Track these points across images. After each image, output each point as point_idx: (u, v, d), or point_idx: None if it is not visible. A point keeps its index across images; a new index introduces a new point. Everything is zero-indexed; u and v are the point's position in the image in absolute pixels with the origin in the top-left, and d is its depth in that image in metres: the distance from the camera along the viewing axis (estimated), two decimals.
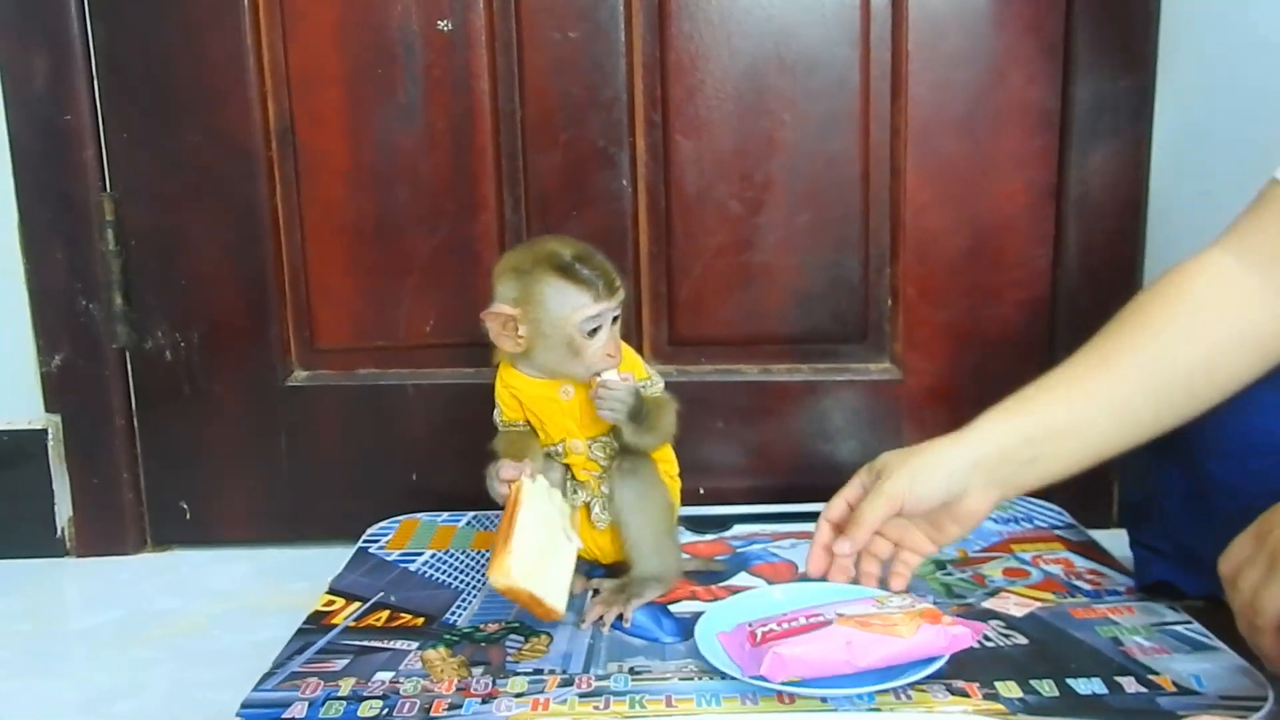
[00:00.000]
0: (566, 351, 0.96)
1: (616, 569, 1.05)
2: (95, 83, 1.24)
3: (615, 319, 0.97)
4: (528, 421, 1.02)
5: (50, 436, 1.30)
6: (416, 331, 1.29)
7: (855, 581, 0.95)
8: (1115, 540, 1.13)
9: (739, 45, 1.22)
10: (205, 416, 1.31)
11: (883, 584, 0.95)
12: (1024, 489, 0.92)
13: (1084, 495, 1.25)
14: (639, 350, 1.28)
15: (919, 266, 1.26)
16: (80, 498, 1.31)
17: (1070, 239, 1.24)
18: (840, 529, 0.93)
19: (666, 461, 1.05)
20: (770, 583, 1.05)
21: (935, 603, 0.92)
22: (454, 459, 1.29)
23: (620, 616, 0.98)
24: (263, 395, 1.30)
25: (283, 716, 0.82)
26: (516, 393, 1.00)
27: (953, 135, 1.23)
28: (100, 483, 1.31)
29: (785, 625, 0.84)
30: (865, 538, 0.91)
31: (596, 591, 1.02)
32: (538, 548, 0.90)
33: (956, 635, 0.83)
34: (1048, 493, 1.24)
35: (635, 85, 1.24)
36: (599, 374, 0.95)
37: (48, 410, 1.30)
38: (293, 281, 1.29)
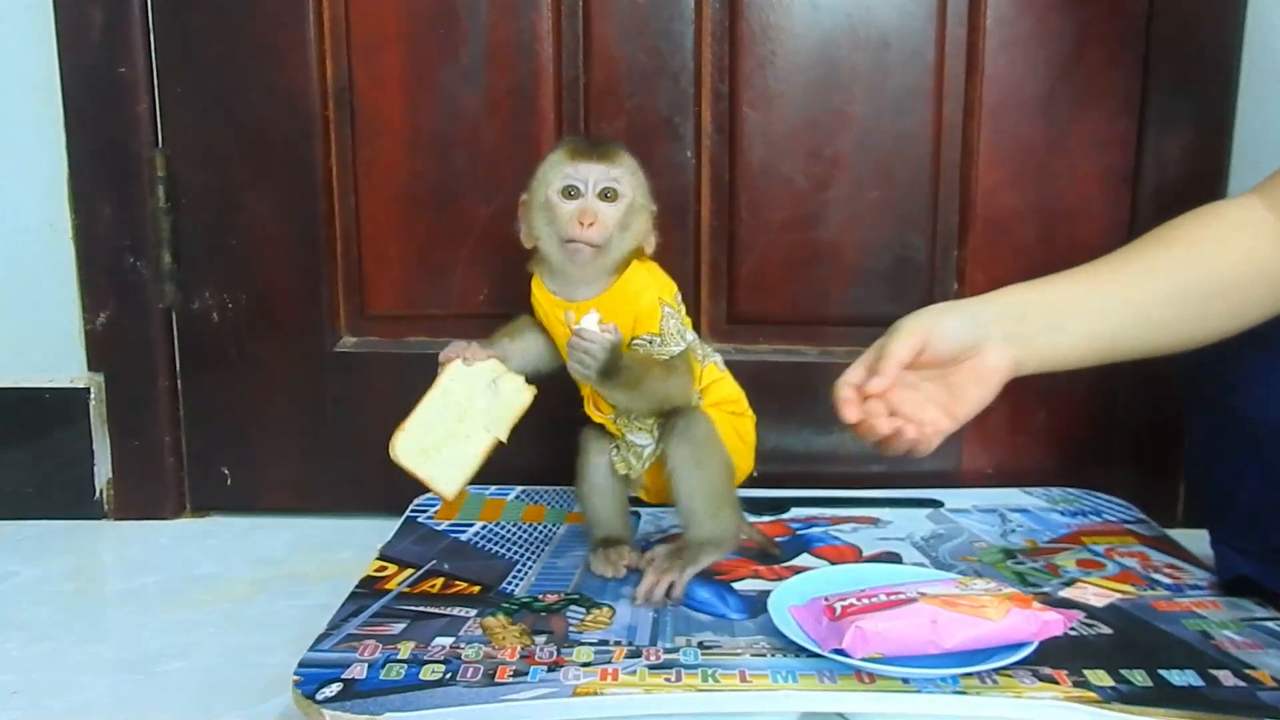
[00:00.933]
0: (545, 220, 0.94)
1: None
2: (151, 36, 1.21)
3: (609, 194, 0.93)
4: None
5: (92, 396, 1.27)
6: (469, 300, 1.26)
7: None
8: (1183, 539, 1.10)
9: (812, 17, 1.19)
10: (250, 380, 1.28)
11: None
12: (1039, 359, 0.89)
13: (1150, 494, 1.22)
14: (696, 329, 1.25)
15: (987, 250, 1.23)
16: (120, 459, 1.29)
17: (1144, 226, 1.17)
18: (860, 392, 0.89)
19: (730, 401, 1.02)
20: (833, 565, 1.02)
21: None
22: None
23: (672, 586, 0.94)
24: (310, 360, 1.27)
25: (342, 677, 0.80)
26: (537, 305, 0.99)
27: (1028, 115, 1.20)
28: (141, 445, 1.28)
29: (866, 601, 0.81)
30: (894, 371, 0.86)
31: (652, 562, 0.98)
32: (438, 432, 0.92)
33: (1048, 621, 0.80)
34: (1114, 487, 1.22)
35: (704, 55, 1.21)
36: (578, 325, 0.91)
37: (90, 369, 1.27)
38: (345, 246, 1.26)
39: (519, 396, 0.96)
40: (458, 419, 0.94)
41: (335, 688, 0.78)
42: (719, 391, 1.02)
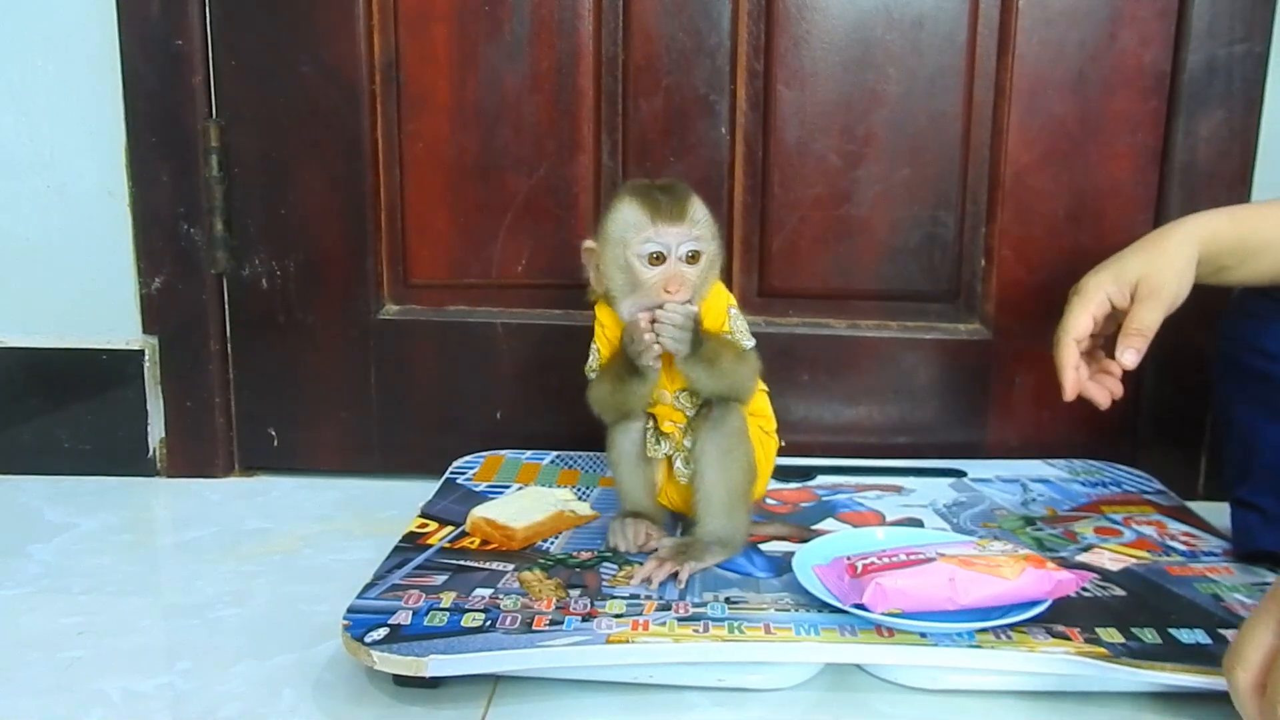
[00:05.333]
0: (627, 281, 0.94)
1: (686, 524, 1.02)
2: (207, 10, 1.25)
3: (692, 256, 0.93)
4: None
5: (147, 358, 1.32)
6: (509, 271, 1.30)
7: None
8: (1204, 511, 1.12)
9: None
10: (297, 345, 1.33)
11: None
12: (1207, 282, 0.99)
13: (1172, 468, 1.25)
14: None
15: (1016, 227, 1.25)
16: (173, 419, 1.34)
17: (1173, 206, 1.22)
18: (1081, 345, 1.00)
19: (762, 417, 1.03)
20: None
21: None
22: (540, 399, 1.30)
23: (675, 576, 0.93)
24: (354, 327, 1.32)
25: (389, 622, 0.84)
26: (609, 332, 0.99)
27: (1059, 95, 1.22)
28: (193, 406, 1.33)
29: (886, 560, 0.84)
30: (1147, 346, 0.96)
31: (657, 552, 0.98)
32: (510, 507, 1.07)
33: (1061, 580, 0.83)
34: (1135, 461, 1.25)
35: (740, 33, 1.23)
36: (663, 308, 0.91)
37: (145, 332, 1.32)
38: (389, 216, 1.30)
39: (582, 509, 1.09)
40: (531, 501, 1.08)
41: (382, 632, 0.83)
42: (757, 403, 1.02)
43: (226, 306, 1.33)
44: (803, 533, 1.04)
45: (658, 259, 0.93)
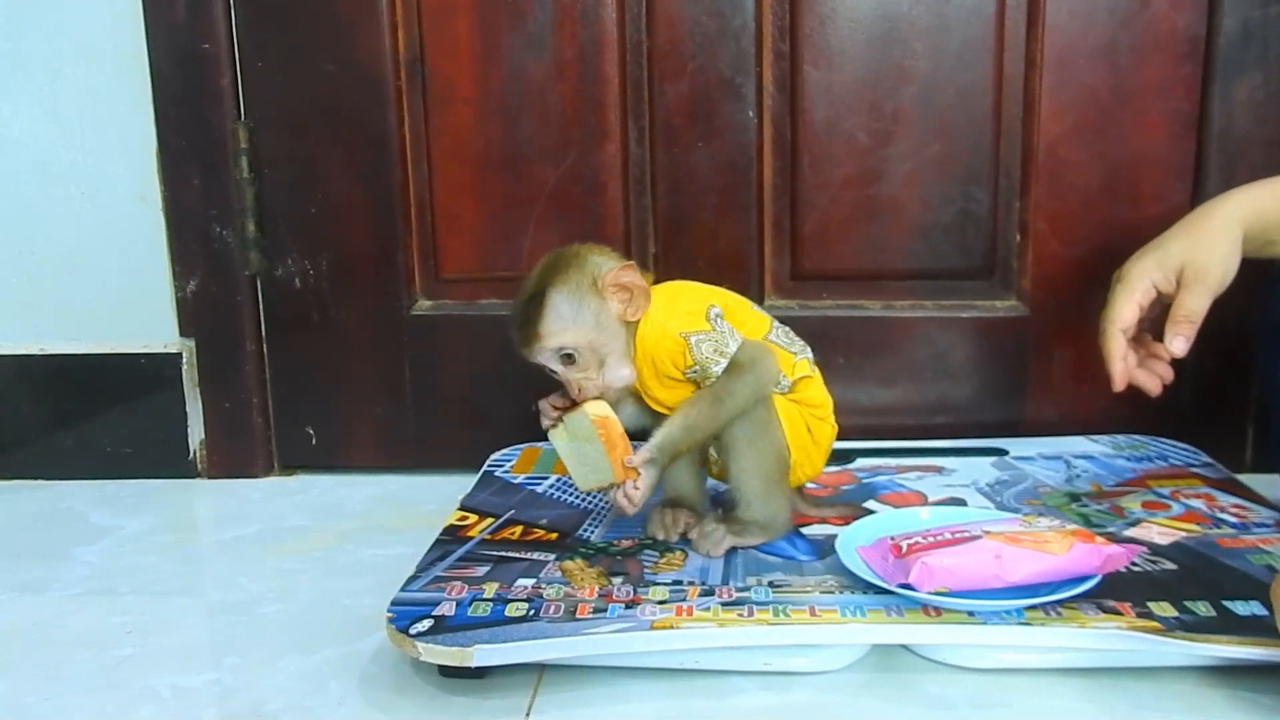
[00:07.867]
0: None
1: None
2: (232, 12, 1.26)
3: (566, 359, 0.95)
4: None
5: (184, 360, 1.33)
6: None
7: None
8: (1253, 483, 1.10)
9: None
10: (332, 344, 1.33)
11: None
12: (1253, 256, 0.96)
13: (1218, 440, 1.23)
14: (760, 286, 1.28)
15: (1051, 200, 1.23)
16: (212, 421, 1.35)
17: (1211, 173, 1.20)
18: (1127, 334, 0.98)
19: (813, 405, 1.00)
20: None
21: None
22: None
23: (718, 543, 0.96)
24: (388, 324, 1.32)
25: (433, 614, 0.84)
26: None
27: (1091, 64, 1.20)
28: (231, 407, 1.34)
29: (931, 539, 0.83)
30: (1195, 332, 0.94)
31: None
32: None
33: (1111, 554, 0.81)
34: (1180, 434, 1.23)
35: (764, 14, 1.22)
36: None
37: (182, 335, 1.33)
38: (419, 211, 1.31)
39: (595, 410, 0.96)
40: (579, 463, 0.97)
41: (427, 623, 0.83)
42: (805, 391, 1.00)
43: (261, 307, 1.33)
44: (856, 511, 1.04)
45: (553, 373, 0.97)
